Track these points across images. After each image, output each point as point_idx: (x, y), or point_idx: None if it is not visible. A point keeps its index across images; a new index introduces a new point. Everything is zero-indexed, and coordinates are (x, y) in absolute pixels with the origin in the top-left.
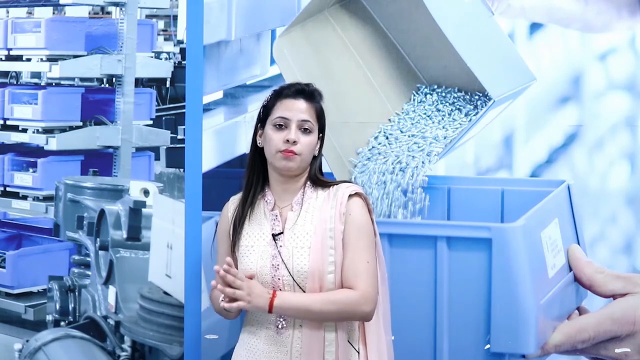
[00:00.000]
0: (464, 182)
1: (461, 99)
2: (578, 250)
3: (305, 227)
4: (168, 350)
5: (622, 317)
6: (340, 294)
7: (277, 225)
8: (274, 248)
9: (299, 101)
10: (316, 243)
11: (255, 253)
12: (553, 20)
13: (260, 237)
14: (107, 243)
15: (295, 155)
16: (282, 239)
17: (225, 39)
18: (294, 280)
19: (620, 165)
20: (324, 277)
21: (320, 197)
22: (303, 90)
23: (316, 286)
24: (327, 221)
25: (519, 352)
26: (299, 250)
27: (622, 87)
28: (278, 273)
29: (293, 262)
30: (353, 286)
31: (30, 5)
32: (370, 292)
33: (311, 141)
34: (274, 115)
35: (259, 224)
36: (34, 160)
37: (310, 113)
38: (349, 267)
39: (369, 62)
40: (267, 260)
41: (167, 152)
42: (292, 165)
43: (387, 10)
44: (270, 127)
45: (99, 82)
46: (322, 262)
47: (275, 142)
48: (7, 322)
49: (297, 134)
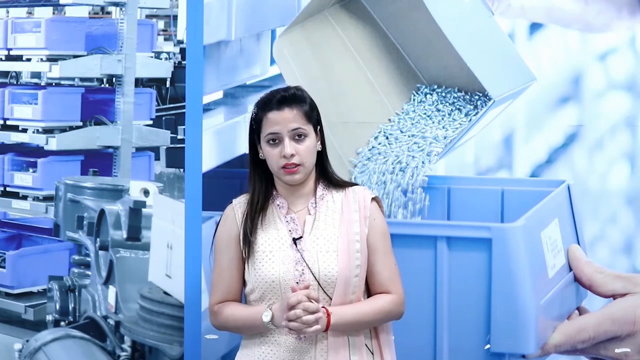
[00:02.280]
0: (464, 182)
1: (461, 99)
2: (578, 250)
3: (328, 231)
4: (168, 350)
5: (622, 317)
6: (383, 301)
7: (296, 229)
8: (296, 252)
9: (284, 111)
10: (343, 247)
11: (276, 259)
12: (553, 20)
13: (278, 241)
14: (107, 243)
15: (298, 166)
16: (302, 243)
17: (225, 39)
18: (320, 285)
19: (620, 165)
20: (350, 281)
21: (336, 200)
22: (284, 98)
23: (342, 290)
24: (352, 225)
25: (519, 352)
26: (324, 254)
27: (622, 87)
28: (303, 278)
29: (319, 266)
30: (389, 290)
31: (30, 5)
32: (403, 293)
33: (308, 145)
34: (265, 132)
35: (275, 228)
36: (34, 160)
37: (298, 118)
38: (382, 272)
39: (369, 62)
40: (290, 265)
41: (167, 152)
42: (298, 177)
43: (387, 10)
44: (265, 144)
45: (99, 82)
46: (350, 266)
47: (274, 159)
48: (7, 322)
49: (291, 145)
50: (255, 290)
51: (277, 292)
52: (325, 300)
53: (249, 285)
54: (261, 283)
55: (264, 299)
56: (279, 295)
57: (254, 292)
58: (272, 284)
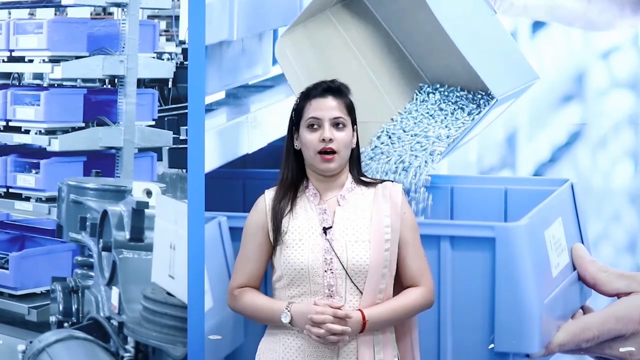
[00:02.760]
0: (467, 182)
1: (464, 98)
2: (582, 249)
3: (357, 222)
4: (171, 351)
5: (626, 316)
6: (415, 295)
7: (327, 219)
8: (325, 241)
9: (328, 99)
10: (376, 238)
11: (306, 246)
12: (555, 19)
13: (309, 230)
14: (110, 244)
15: (334, 154)
16: (332, 232)
17: (227, 39)
18: (347, 274)
19: (623, 164)
20: (380, 272)
21: (367, 194)
22: (329, 87)
23: (374, 281)
24: (383, 218)
25: (523, 351)
26: (353, 244)
27: (626, 85)
28: (330, 266)
29: (347, 255)
30: (419, 282)
31: (32, 6)
32: (432, 284)
33: (346, 136)
34: (306, 117)
35: (307, 217)
36: (36, 162)
37: (340, 108)
38: (413, 265)
39: (371, 61)
40: (320, 254)
41: (169, 153)
42: (333, 166)
43: (390, 10)
44: (305, 129)
45: (101, 83)
46: (380, 257)
47: (312, 143)
48: (10, 323)
49: (331, 131)
50: (283, 277)
51: (305, 280)
52: (352, 289)
53: (277, 272)
54: (290, 270)
55: (292, 285)
56: (307, 283)
57: (281, 279)
58: (301, 272)
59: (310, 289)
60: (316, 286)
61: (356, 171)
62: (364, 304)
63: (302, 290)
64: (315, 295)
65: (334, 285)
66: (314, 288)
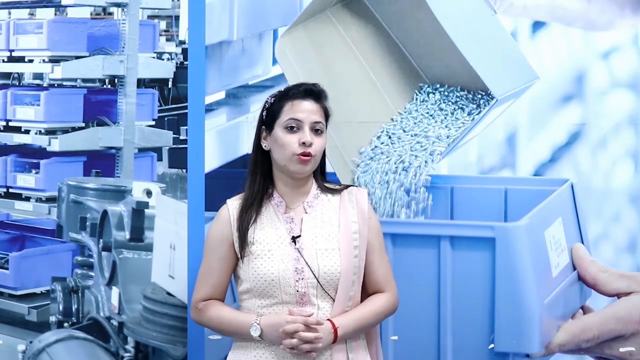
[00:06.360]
0: (467, 182)
1: (464, 98)
2: (582, 249)
3: (325, 229)
4: (171, 351)
5: (627, 316)
6: (381, 302)
7: (294, 228)
8: (295, 250)
9: (309, 102)
10: (345, 245)
11: (275, 257)
12: (556, 19)
13: (277, 240)
14: (110, 244)
15: (311, 157)
16: (301, 241)
17: (227, 39)
18: (319, 282)
19: (624, 164)
20: (350, 279)
21: (333, 200)
22: (311, 90)
23: (345, 289)
24: (350, 224)
25: (523, 351)
26: (323, 252)
27: (626, 85)
28: (302, 275)
29: (318, 264)
30: (384, 288)
31: (32, 6)
32: (396, 289)
33: (323, 142)
34: (285, 117)
35: (274, 227)
36: (36, 162)
37: (320, 114)
38: (379, 271)
39: (371, 61)
40: (290, 264)
41: (169, 153)
42: (308, 168)
43: (390, 10)
44: (281, 130)
45: (101, 83)
46: (351, 264)
47: (290, 145)
48: (10, 323)
49: (311, 135)
50: (252, 290)
51: (276, 290)
52: (323, 297)
53: (245, 285)
54: (260, 281)
55: (262, 296)
56: (278, 293)
57: (250, 291)
58: (272, 282)
59: (282, 299)
60: (288, 296)
61: (320, 178)
62: (335, 311)
63: (272, 300)
64: (287, 305)
65: (306, 295)
66: (285, 298)
